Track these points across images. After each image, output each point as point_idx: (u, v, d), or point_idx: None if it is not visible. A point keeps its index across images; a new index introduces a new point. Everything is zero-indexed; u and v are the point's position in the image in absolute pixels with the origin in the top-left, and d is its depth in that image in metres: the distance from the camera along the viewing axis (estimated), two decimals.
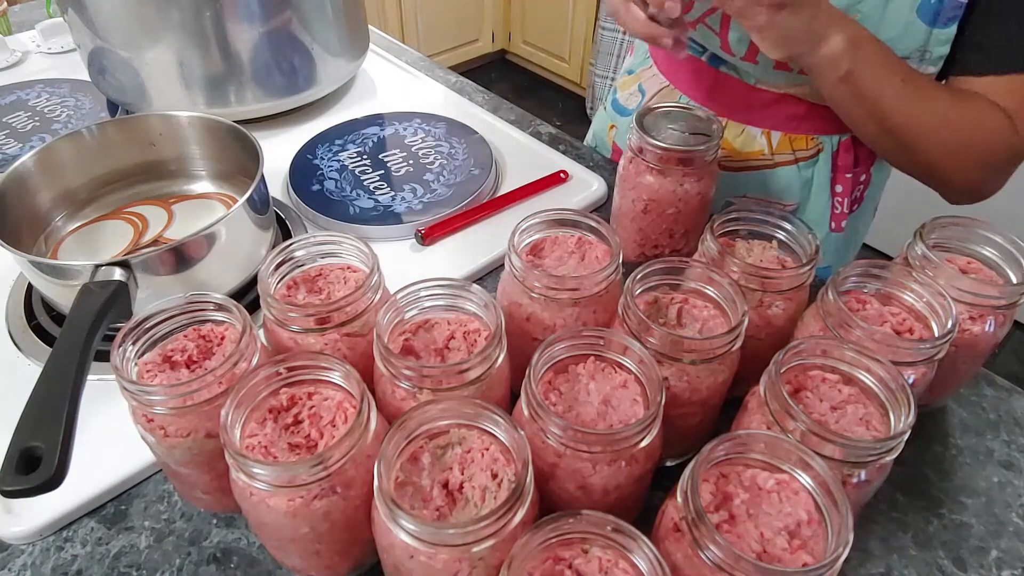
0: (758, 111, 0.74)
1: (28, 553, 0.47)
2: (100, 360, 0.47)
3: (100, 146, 0.69)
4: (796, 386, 0.44)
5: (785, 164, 0.75)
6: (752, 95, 0.73)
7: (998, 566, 0.47)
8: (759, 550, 0.35)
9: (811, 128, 0.73)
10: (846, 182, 0.76)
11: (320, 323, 0.46)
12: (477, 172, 0.79)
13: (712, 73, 0.74)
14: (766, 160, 0.75)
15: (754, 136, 0.75)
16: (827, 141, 0.74)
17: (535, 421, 0.39)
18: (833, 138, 0.74)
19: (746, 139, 0.75)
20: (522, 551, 0.33)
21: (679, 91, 0.79)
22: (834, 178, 0.76)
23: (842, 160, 0.75)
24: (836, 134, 0.73)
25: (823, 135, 0.73)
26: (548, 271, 0.51)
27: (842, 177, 0.76)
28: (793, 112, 0.72)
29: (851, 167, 0.75)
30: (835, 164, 0.75)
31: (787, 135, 0.74)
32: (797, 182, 0.76)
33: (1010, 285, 0.49)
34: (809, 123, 0.73)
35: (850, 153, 0.74)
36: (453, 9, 2.86)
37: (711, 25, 0.69)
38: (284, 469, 0.36)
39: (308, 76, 0.87)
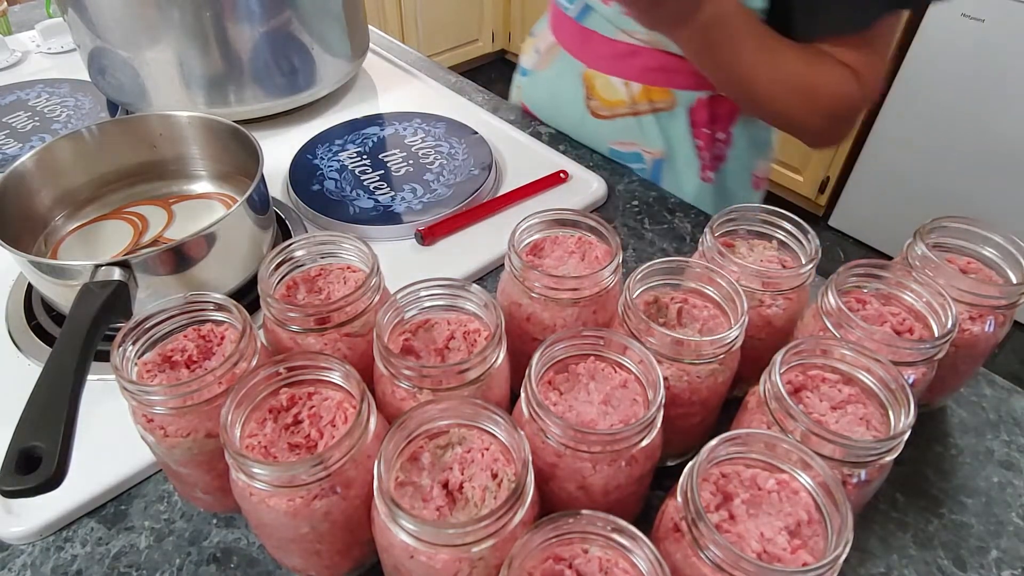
0: (617, 61, 0.80)
1: (28, 553, 0.47)
2: (100, 360, 0.47)
3: (100, 146, 0.69)
4: (796, 386, 0.43)
5: (644, 113, 0.82)
6: (611, 46, 0.80)
7: (998, 566, 0.48)
8: (759, 550, 0.35)
9: (666, 81, 0.79)
10: (704, 137, 0.82)
11: (320, 323, 0.46)
12: (477, 172, 0.79)
13: (581, 29, 0.82)
14: (628, 109, 0.83)
15: (616, 86, 0.82)
16: (682, 96, 0.80)
17: (535, 421, 0.39)
18: (689, 94, 0.79)
19: (611, 89, 0.83)
20: (522, 551, 0.33)
21: (561, 47, 0.87)
22: (693, 132, 0.82)
23: (698, 116, 0.81)
24: (692, 90, 0.79)
25: (679, 90, 0.79)
26: (548, 271, 0.51)
27: (700, 132, 0.82)
28: (648, 64, 0.78)
29: (707, 124, 0.81)
30: (692, 119, 0.81)
31: (646, 86, 0.80)
32: (657, 131, 0.82)
33: (1010, 285, 0.49)
34: (664, 76, 0.79)
35: (706, 111, 0.80)
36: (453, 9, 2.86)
37: None
38: (284, 469, 0.36)
39: (308, 76, 0.87)
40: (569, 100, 0.87)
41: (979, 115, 1.95)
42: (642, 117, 0.82)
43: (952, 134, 2.02)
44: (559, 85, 0.88)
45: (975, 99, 1.94)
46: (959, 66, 1.93)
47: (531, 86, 0.94)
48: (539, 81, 0.92)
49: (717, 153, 0.84)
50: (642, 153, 0.85)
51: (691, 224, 0.76)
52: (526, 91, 0.96)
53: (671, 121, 0.81)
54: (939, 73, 1.97)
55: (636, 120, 0.82)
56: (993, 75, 1.88)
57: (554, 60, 0.88)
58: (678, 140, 0.82)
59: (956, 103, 1.98)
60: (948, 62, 1.94)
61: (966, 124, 1.99)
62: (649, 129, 0.82)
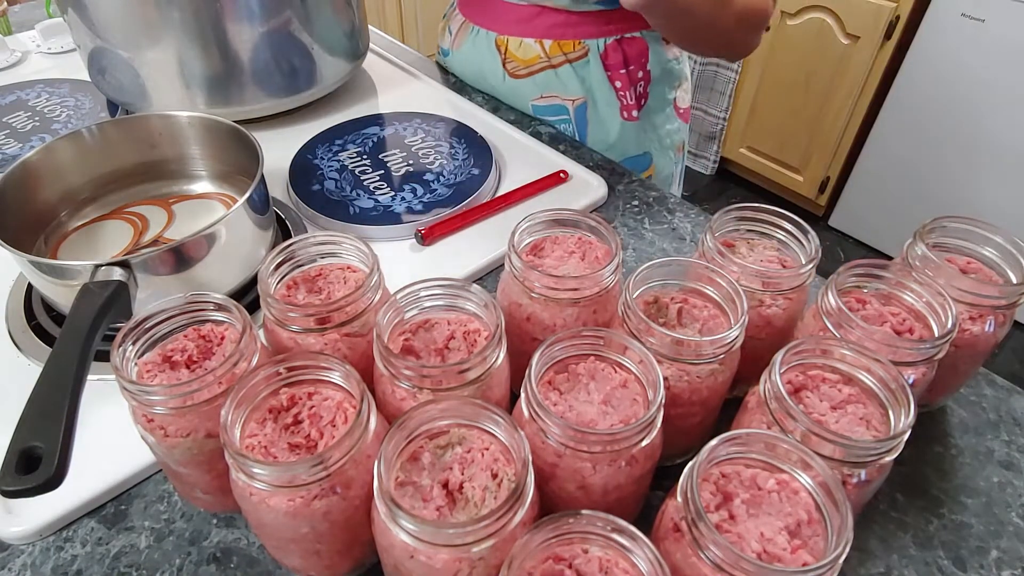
0: (524, 24, 0.88)
1: (28, 553, 0.47)
2: (100, 360, 0.47)
3: (100, 146, 0.69)
4: (796, 386, 0.44)
5: (560, 64, 0.88)
6: (517, 11, 0.87)
7: (998, 566, 0.48)
8: (759, 550, 0.35)
9: (575, 34, 0.86)
10: (622, 78, 0.89)
11: (320, 323, 0.46)
12: (477, 172, 0.79)
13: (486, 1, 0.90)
14: (544, 63, 0.89)
15: (530, 45, 0.89)
16: (592, 44, 0.87)
17: (535, 421, 0.39)
18: (598, 41, 0.86)
19: (525, 48, 0.89)
20: (522, 551, 0.33)
21: (472, 23, 0.94)
22: (610, 76, 0.89)
23: (612, 60, 0.87)
24: (600, 37, 0.86)
25: (587, 39, 0.86)
26: (548, 271, 0.51)
27: (617, 74, 0.88)
28: (555, 21, 0.86)
29: (622, 65, 0.88)
30: (605, 63, 0.88)
31: (557, 41, 0.87)
32: (575, 80, 0.89)
33: (1010, 285, 0.49)
34: (570, 29, 0.86)
35: (618, 53, 0.87)
36: None
37: None
38: (284, 469, 0.36)
39: (308, 76, 0.87)
40: (488, 68, 0.94)
41: (979, 115, 1.95)
42: (559, 69, 0.89)
43: (952, 134, 2.03)
44: (476, 56, 0.95)
45: (975, 99, 1.94)
46: (959, 66, 1.93)
47: (453, 64, 1.02)
48: (459, 58, 0.99)
49: (639, 91, 0.91)
50: (564, 104, 0.91)
51: (691, 224, 0.76)
52: (451, 68, 1.03)
53: (586, 68, 0.88)
54: (939, 73, 1.97)
55: (554, 72, 0.89)
56: (993, 75, 1.88)
57: (467, 36, 0.96)
58: (596, 85, 0.89)
59: (956, 103, 1.98)
60: (948, 62, 1.95)
61: (966, 124, 1.99)
62: (567, 78, 0.89)
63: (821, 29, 2.11)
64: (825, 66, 2.16)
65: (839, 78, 2.15)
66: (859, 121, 2.20)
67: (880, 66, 2.07)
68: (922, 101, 2.04)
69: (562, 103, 0.92)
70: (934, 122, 2.04)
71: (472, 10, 0.94)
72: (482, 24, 0.92)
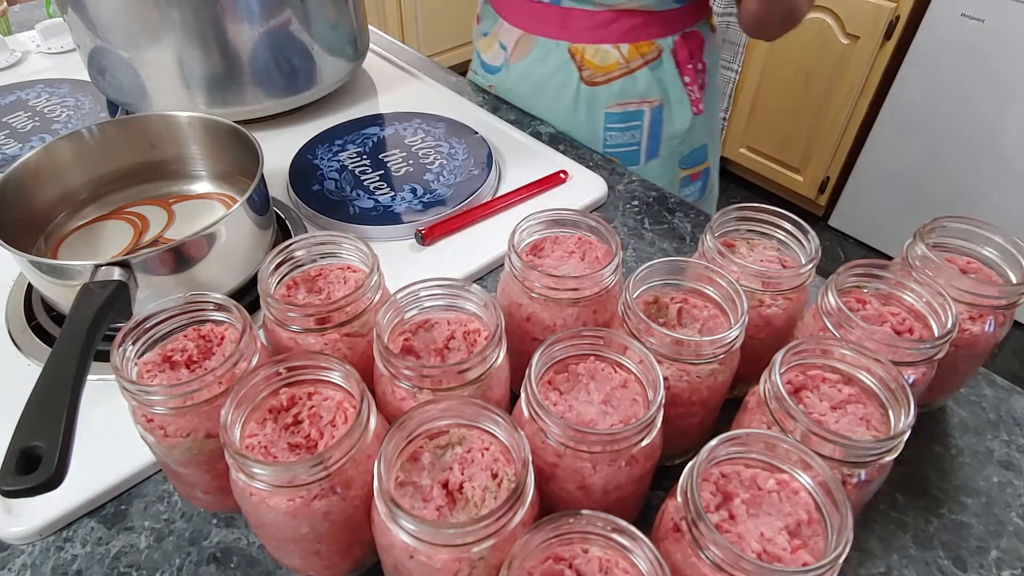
0: (603, 30, 0.87)
1: (28, 553, 0.47)
2: (100, 360, 0.47)
3: (100, 146, 0.69)
4: (796, 386, 0.43)
5: (638, 68, 0.89)
6: (594, 17, 0.86)
7: (998, 566, 0.48)
8: (759, 550, 0.35)
9: (649, 34, 0.87)
10: (690, 72, 0.91)
11: (320, 323, 0.46)
12: (477, 172, 0.79)
13: (557, 10, 0.87)
14: (624, 69, 0.89)
15: (608, 51, 0.88)
16: (664, 43, 0.88)
17: (535, 421, 0.39)
18: (667, 39, 0.88)
19: (603, 55, 0.88)
20: (522, 551, 0.33)
21: (534, 35, 0.91)
22: (680, 72, 0.90)
23: (680, 56, 0.89)
24: (669, 35, 0.88)
25: (659, 38, 0.88)
26: (548, 271, 0.51)
27: (685, 68, 0.90)
28: (631, 24, 0.86)
29: (689, 59, 0.90)
30: (677, 60, 0.90)
31: (633, 44, 0.87)
32: (653, 81, 0.89)
33: (1010, 285, 0.49)
34: (647, 30, 0.87)
35: (684, 48, 0.89)
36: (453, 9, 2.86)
37: None
38: (284, 469, 0.36)
39: (308, 76, 0.87)
40: (558, 80, 0.92)
41: (979, 115, 1.95)
42: (636, 73, 0.89)
43: (952, 134, 2.03)
44: (543, 69, 0.92)
45: (975, 99, 1.94)
46: (959, 66, 1.93)
47: (506, 80, 0.98)
48: (519, 71, 0.95)
49: (701, 83, 0.93)
50: (642, 108, 0.91)
51: (691, 224, 0.76)
52: (502, 86, 0.99)
53: (660, 69, 0.89)
54: (939, 73, 1.97)
55: (631, 77, 0.89)
56: (993, 75, 1.88)
57: (530, 48, 0.92)
58: (670, 83, 0.90)
59: (956, 103, 1.98)
60: (948, 62, 1.94)
61: (966, 124, 1.99)
62: (644, 81, 0.89)
63: (821, 29, 2.11)
64: (825, 66, 2.16)
65: (839, 78, 2.15)
66: (859, 121, 2.19)
67: (880, 66, 2.07)
68: (922, 101, 2.04)
69: (638, 108, 0.91)
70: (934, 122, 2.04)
71: (535, 22, 0.91)
72: (551, 35, 0.90)
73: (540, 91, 0.94)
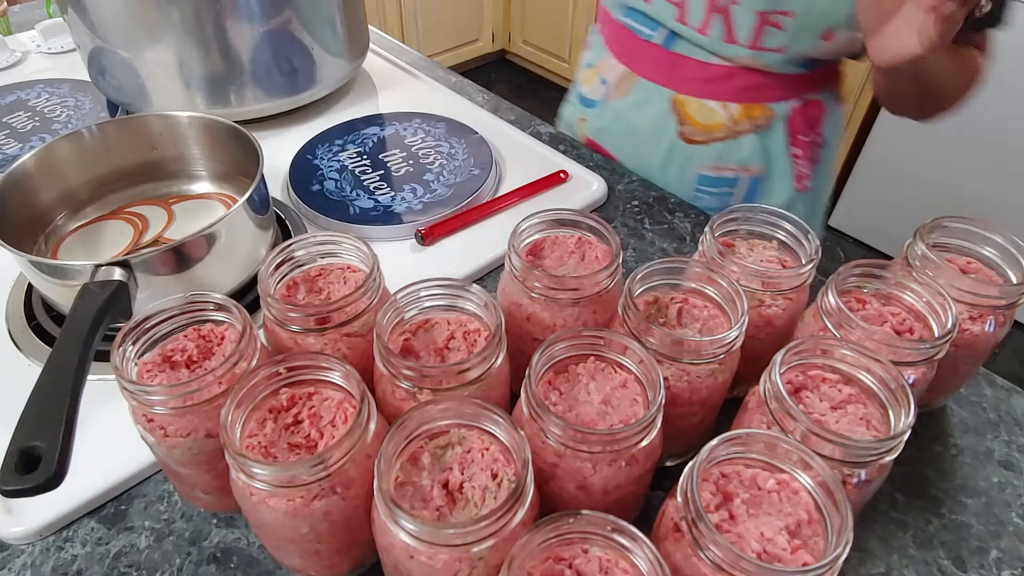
0: (714, 85, 0.78)
1: (28, 553, 0.47)
2: (100, 360, 0.47)
3: (100, 146, 0.69)
4: (796, 386, 0.43)
5: (745, 133, 0.80)
6: (707, 70, 0.78)
7: (998, 566, 0.48)
8: (759, 550, 0.35)
9: (765, 97, 0.78)
10: (802, 144, 0.82)
11: (320, 323, 0.46)
12: (477, 172, 0.79)
13: (668, 55, 0.79)
14: (728, 131, 0.80)
15: (714, 109, 0.80)
16: (779, 108, 0.79)
17: (535, 421, 0.39)
18: (784, 105, 0.79)
19: (708, 112, 0.80)
20: (522, 551, 0.33)
21: (638, 76, 0.84)
22: (791, 141, 0.81)
23: (795, 124, 0.80)
24: (787, 101, 0.79)
25: (775, 103, 0.79)
26: (548, 271, 0.51)
27: (797, 139, 0.82)
28: (746, 84, 0.77)
29: (805, 130, 0.81)
30: (790, 129, 0.81)
31: (743, 106, 0.79)
32: (758, 149, 0.81)
33: (1010, 285, 0.49)
34: (763, 92, 0.78)
35: (802, 117, 0.80)
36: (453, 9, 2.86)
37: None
38: (284, 469, 0.36)
39: (308, 76, 0.87)
40: (654, 129, 0.84)
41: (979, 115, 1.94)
42: (742, 137, 0.80)
43: (952, 134, 2.02)
44: (641, 114, 0.84)
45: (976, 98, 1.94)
46: None
47: (600, 116, 0.90)
48: (612, 111, 0.88)
49: (813, 157, 0.83)
50: (737, 175, 0.83)
51: (691, 224, 0.76)
52: (593, 122, 0.91)
53: (769, 136, 0.80)
54: None
55: (735, 141, 0.80)
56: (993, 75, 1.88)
57: (631, 89, 0.85)
58: (776, 154, 0.82)
59: None
60: None
61: (966, 123, 1.98)
62: (749, 148, 0.81)
63: None
64: None
65: None
66: (859, 121, 2.20)
67: None
68: None
69: (734, 175, 0.83)
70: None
71: (644, 62, 0.83)
72: (657, 79, 0.82)
73: (632, 136, 0.87)
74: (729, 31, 0.73)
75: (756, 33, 0.72)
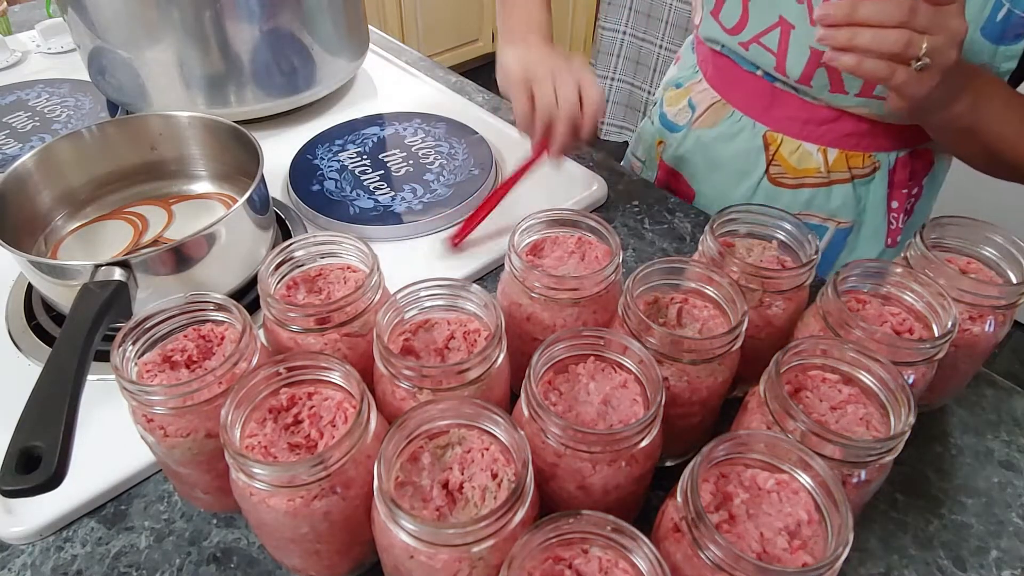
0: (815, 127, 0.72)
1: (28, 553, 0.47)
2: (100, 360, 0.47)
3: (100, 146, 0.69)
4: (796, 386, 0.43)
5: (841, 182, 0.74)
6: (810, 111, 0.71)
7: (998, 566, 0.48)
8: (759, 550, 0.35)
9: (869, 146, 0.71)
10: (902, 197, 0.75)
11: (320, 323, 0.46)
12: (477, 172, 0.79)
13: (768, 88, 0.73)
14: (822, 178, 0.74)
15: (810, 153, 0.73)
16: (884, 158, 0.72)
17: (535, 421, 0.39)
18: (891, 155, 0.72)
19: (802, 155, 0.74)
20: (522, 551, 0.33)
21: (731, 106, 0.77)
22: (890, 194, 0.74)
23: (899, 176, 0.73)
24: (894, 151, 0.72)
25: (880, 152, 0.72)
26: (548, 271, 0.51)
27: (898, 193, 0.74)
28: (852, 130, 0.71)
29: (907, 182, 0.74)
30: (891, 180, 0.74)
31: (843, 152, 0.72)
32: (852, 200, 0.74)
33: (1010, 285, 0.49)
34: (868, 140, 0.71)
35: (907, 168, 0.73)
36: (453, 9, 2.86)
37: (767, 45, 0.69)
38: (284, 469, 0.36)
39: (308, 76, 0.87)
40: (740, 166, 0.78)
41: None
42: (835, 187, 0.74)
43: None
44: (728, 148, 0.78)
45: None
46: None
47: (682, 142, 0.84)
48: (696, 139, 0.82)
49: (909, 209, 0.77)
50: (826, 225, 0.77)
51: (691, 224, 0.76)
52: (673, 148, 0.85)
53: (868, 187, 0.74)
54: None
55: (827, 190, 0.74)
56: None
57: (722, 118, 0.78)
58: (872, 206, 0.75)
59: None
60: None
61: None
62: (842, 198, 0.74)
63: None
64: None
65: None
66: None
67: None
68: None
69: (822, 224, 0.76)
70: None
71: (741, 94, 0.76)
72: (753, 114, 0.75)
73: (715, 169, 0.81)
74: (835, 81, 0.67)
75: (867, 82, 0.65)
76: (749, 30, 0.69)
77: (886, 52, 0.49)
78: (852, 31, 0.49)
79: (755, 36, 0.69)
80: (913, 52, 0.49)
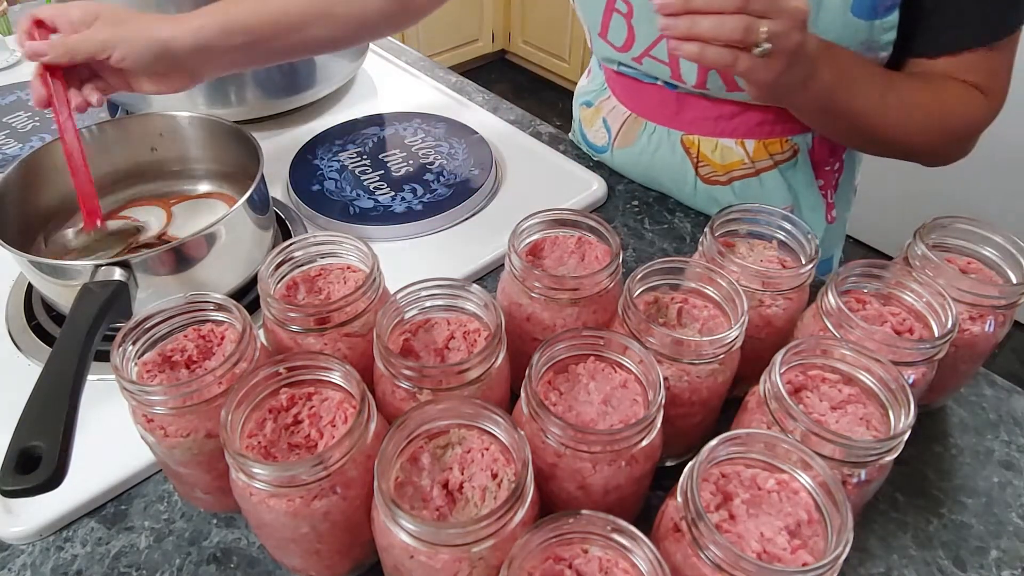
0: (726, 122, 0.73)
1: (28, 553, 0.47)
2: (100, 360, 0.47)
3: (100, 146, 0.69)
4: (796, 386, 0.44)
5: (767, 170, 0.75)
6: (717, 108, 0.72)
7: (998, 566, 0.47)
8: (759, 550, 0.35)
9: (783, 131, 0.73)
10: (826, 175, 0.77)
11: (320, 323, 0.46)
12: (477, 172, 0.79)
13: (672, 95, 0.74)
14: (748, 168, 0.75)
15: (730, 147, 0.74)
16: (801, 140, 0.74)
17: (535, 421, 0.39)
18: (807, 136, 0.74)
19: (724, 151, 0.75)
20: (522, 551, 0.33)
21: (643, 119, 0.78)
22: (816, 173, 0.76)
23: (819, 155, 0.75)
24: (809, 132, 0.73)
25: (796, 135, 0.73)
26: (548, 271, 0.51)
27: (822, 171, 0.76)
28: (761, 119, 0.72)
29: (828, 159, 0.76)
30: (813, 160, 0.75)
31: (761, 141, 0.73)
32: (783, 185, 0.75)
33: (1010, 285, 0.49)
34: (780, 126, 0.72)
35: (825, 146, 0.75)
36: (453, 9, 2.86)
37: (658, 57, 0.70)
38: (284, 469, 0.36)
39: (308, 76, 0.87)
40: (673, 175, 0.79)
41: None
42: (763, 175, 0.75)
43: None
44: (655, 160, 0.79)
45: None
46: None
47: (615, 161, 0.84)
48: (626, 158, 0.82)
49: (834, 183, 0.78)
50: None
51: (691, 224, 0.76)
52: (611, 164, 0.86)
53: (793, 170, 0.75)
54: None
55: (757, 179, 0.75)
56: None
57: (639, 134, 0.79)
58: (802, 189, 0.76)
59: None
60: None
61: None
62: (772, 185, 0.76)
63: None
64: None
65: None
66: None
67: None
68: None
69: None
70: None
71: (649, 105, 0.77)
72: (662, 122, 0.76)
73: (651, 180, 0.82)
74: (729, 81, 0.68)
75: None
76: (638, 46, 0.70)
77: (726, 39, 0.48)
78: (691, 19, 0.48)
79: (645, 51, 0.70)
80: (752, 38, 0.48)
